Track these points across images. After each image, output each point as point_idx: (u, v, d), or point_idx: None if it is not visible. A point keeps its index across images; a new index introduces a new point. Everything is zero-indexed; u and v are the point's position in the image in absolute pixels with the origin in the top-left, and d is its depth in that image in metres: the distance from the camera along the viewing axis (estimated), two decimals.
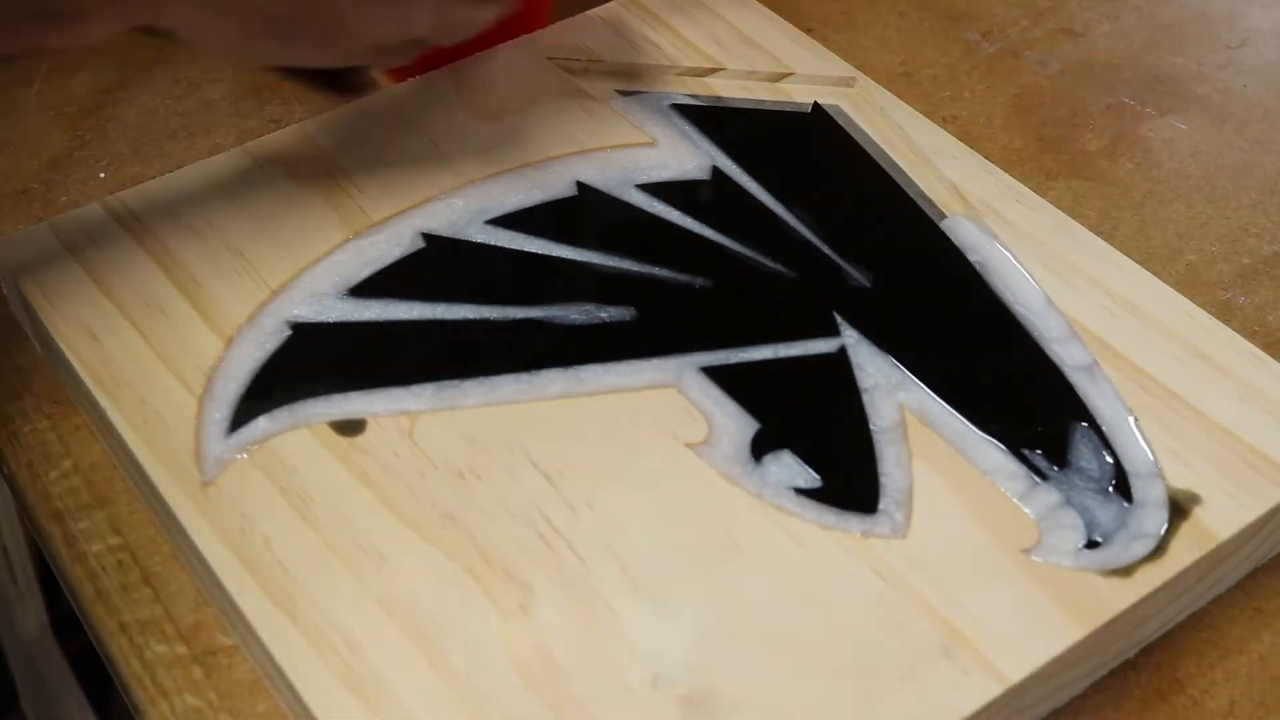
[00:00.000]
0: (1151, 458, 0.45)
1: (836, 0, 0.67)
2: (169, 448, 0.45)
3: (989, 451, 0.45)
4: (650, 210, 0.54)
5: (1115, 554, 0.43)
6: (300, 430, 0.46)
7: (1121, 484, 0.45)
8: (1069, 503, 0.44)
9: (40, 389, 0.51)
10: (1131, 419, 0.46)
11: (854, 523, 0.44)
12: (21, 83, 0.64)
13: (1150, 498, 0.44)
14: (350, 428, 0.46)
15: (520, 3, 0.55)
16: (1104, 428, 0.46)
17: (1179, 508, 0.44)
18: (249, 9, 0.47)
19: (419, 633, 0.41)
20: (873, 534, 0.43)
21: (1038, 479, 0.45)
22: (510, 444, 0.46)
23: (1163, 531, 0.43)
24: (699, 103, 0.58)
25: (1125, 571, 0.42)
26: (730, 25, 0.61)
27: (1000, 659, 0.40)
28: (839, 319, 0.50)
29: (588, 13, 0.62)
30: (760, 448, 0.46)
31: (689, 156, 0.56)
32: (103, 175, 0.59)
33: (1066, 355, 0.48)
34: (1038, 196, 0.54)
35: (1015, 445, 0.46)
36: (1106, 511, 0.44)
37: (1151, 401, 0.47)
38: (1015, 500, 0.44)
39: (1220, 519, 0.44)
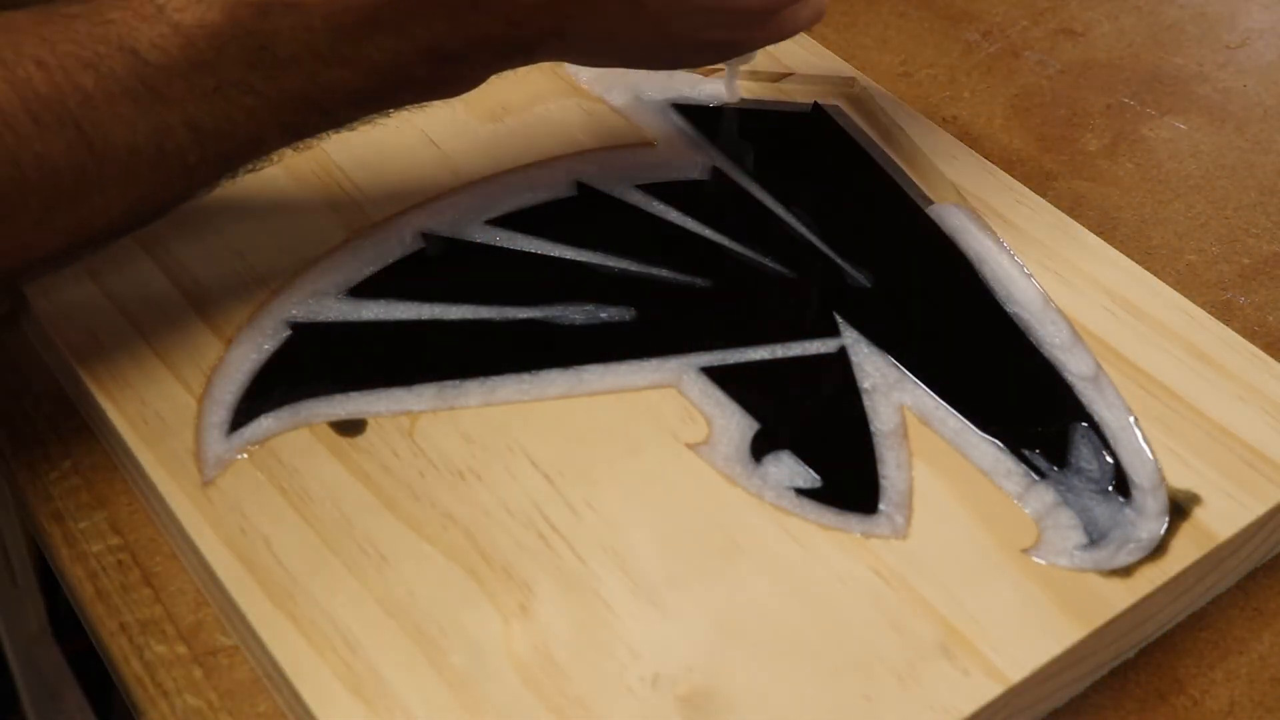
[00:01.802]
0: (1152, 459, 0.45)
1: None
2: (169, 448, 0.45)
3: (989, 451, 0.45)
4: (650, 210, 0.54)
5: (1115, 554, 0.43)
6: (300, 430, 0.46)
7: (1121, 484, 0.45)
8: (1067, 501, 0.44)
9: (40, 389, 0.51)
10: (1131, 419, 0.46)
11: (854, 523, 0.44)
12: None
13: (1151, 498, 0.44)
14: (350, 428, 0.46)
15: None
16: (1106, 433, 0.46)
17: (1179, 508, 0.44)
18: (623, 50, 0.49)
19: (419, 633, 0.41)
20: (873, 534, 0.43)
21: (1036, 477, 0.45)
22: (510, 444, 0.46)
23: (1163, 532, 0.43)
24: (699, 103, 0.58)
25: (1125, 571, 0.42)
26: None
27: (1000, 659, 0.40)
28: (839, 319, 0.50)
29: None
30: (760, 448, 0.46)
31: (689, 156, 0.56)
32: None
33: (1071, 363, 0.48)
34: (1038, 196, 0.54)
35: (1015, 445, 0.46)
36: (1106, 511, 0.44)
37: (1152, 402, 0.47)
38: (1014, 499, 0.44)
39: (1220, 519, 0.44)
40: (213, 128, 0.43)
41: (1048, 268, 0.51)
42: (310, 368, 0.48)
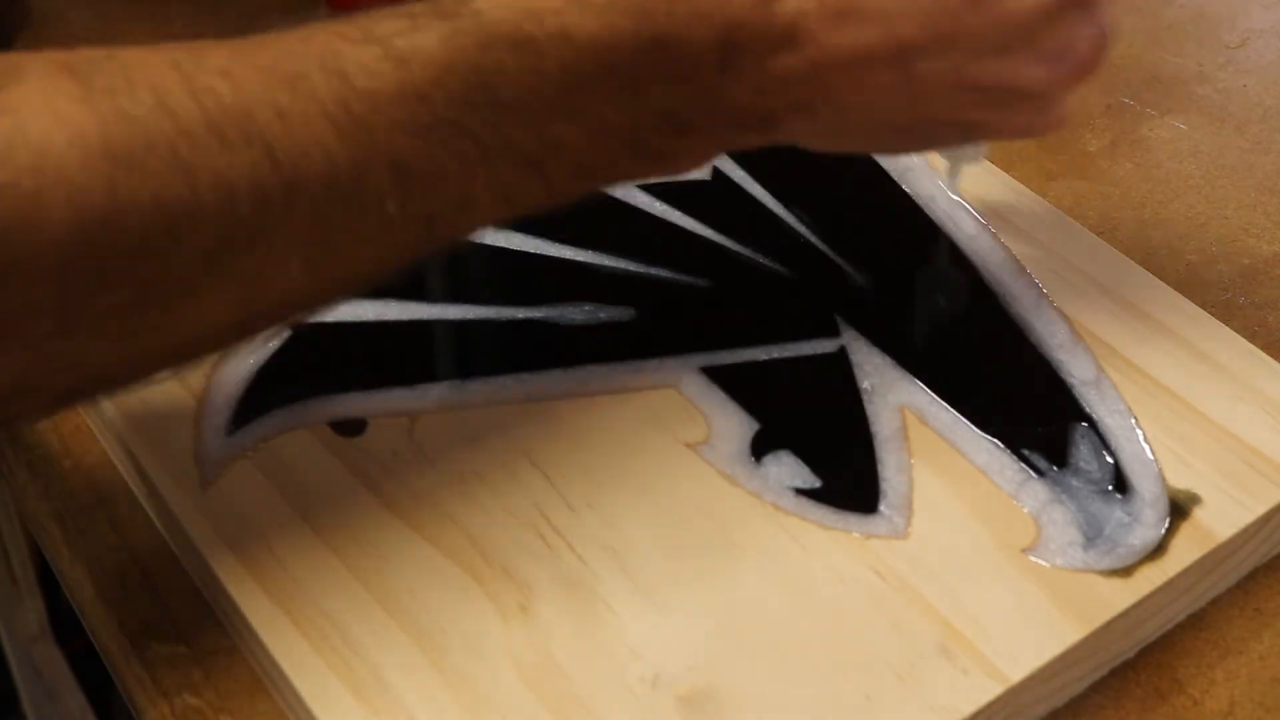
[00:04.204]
0: (1154, 464, 0.45)
1: None
2: (169, 448, 0.45)
3: (988, 450, 0.45)
4: (650, 210, 0.54)
5: (1115, 554, 0.43)
6: (300, 430, 0.46)
7: (1121, 485, 0.45)
8: (1063, 499, 0.44)
9: None
10: (1132, 420, 0.46)
11: (854, 523, 0.44)
12: None
13: (1150, 509, 0.44)
14: (350, 428, 0.46)
15: None
16: (1107, 435, 0.46)
17: (1179, 508, 0.44)
18: (872, 131, 0.43)
19: (419, 633, 0.41)
20: (872, 535, 0.43)
21: (1034, 475, 0.45)
22: (510, 444, 0.46)
23: (1163, 531, 0.43)
24: None
25: (1125, 571, 0.42)
26: None
27: (1000, 659, 0.40)
28: (839, 319, 0.50)
29: None
30: (760, 448, 0.46)
31: None
32: None
33: (1071, 365, 0.48)
34: (1038, 196, 0.54)
35: (1015, 445, 0.46)
36: (1106, 511, 0.44)
37: (1151, 402, 0.47)
38: (1011, 497, 0.44)
39: (1220, 519, 0.44)
40: (420, 171, 0.37)
41: (1048, 268, 0.51)
42: (310, 368, 0.48)
